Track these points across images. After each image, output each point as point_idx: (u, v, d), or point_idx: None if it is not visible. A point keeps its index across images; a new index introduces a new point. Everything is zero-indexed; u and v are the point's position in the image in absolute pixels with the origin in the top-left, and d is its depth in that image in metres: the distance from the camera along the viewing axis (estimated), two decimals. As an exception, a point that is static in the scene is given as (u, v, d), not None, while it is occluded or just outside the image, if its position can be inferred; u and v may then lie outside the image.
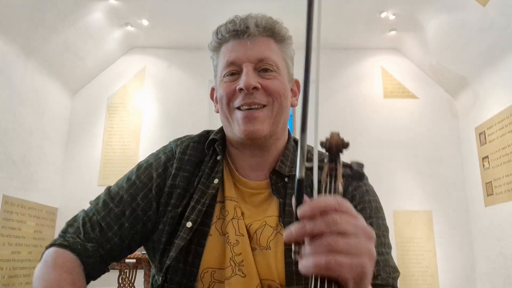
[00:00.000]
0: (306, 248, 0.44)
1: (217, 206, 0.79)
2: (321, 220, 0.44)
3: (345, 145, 0.59)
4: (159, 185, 0.83)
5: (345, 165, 0.59)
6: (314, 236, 0.44)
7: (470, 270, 3.92)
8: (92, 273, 0.77)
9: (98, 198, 0.85)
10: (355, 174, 0.59)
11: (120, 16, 3.94)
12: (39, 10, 3.26)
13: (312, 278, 0.43)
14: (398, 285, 0.77)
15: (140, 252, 2.62)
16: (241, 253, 0.72)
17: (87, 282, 0.76)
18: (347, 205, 0.46)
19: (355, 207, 0.75)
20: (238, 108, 0.80)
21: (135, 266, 2.79)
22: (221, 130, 0.89)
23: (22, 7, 3.12)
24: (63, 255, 0.73)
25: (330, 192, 0.51)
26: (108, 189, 0.86)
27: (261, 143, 0.81)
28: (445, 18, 3.67)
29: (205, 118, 4.30)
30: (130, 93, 4.42)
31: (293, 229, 0.45)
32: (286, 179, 0.81)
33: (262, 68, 0.81)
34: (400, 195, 4.12)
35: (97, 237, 0.78)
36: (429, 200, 4.12)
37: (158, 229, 0.80)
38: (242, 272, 0.70)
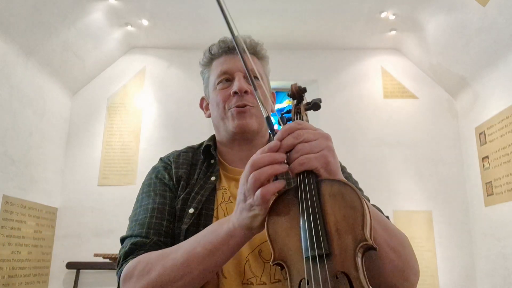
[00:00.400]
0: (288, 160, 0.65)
1: (218, 193, 0.94)
2: (289, 137, 0.64)
3: (302, 89, 0.82)
4: (173, 184, 0.95)
5: (307, 103, 0.82)
6: (290, 150, 0.64)
7: (470, 270, 3.92)
8: None
9: (129, 229, 0.89)
10: (313, 104, 0.80)
11: (120, 16, 3.94)
12: (39, 10, 3.26)
13: (297, 176, 0.65)
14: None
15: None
16: None
17: None
18: (306, 123, 0.67)
19: None
20: (232, 108, 0.95)
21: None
22: (211, 138, 1.05)
23: (22, 7, 3.12)
24: (139, 257, 0.79)
25: None
26: (131, 218, 0.92)
27: (249, 136, 0.97)
28: (445, 18, 3.67)
29: (205, 118, 4.29)
30: (130, 93, 4.42)
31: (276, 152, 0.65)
32: None
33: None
34: (400, 195, 4.12)
35: (154, 246, 0.84)
36: (429, 200, 4.12)
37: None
38: None
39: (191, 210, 0.88)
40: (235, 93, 0.94)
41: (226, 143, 1.01)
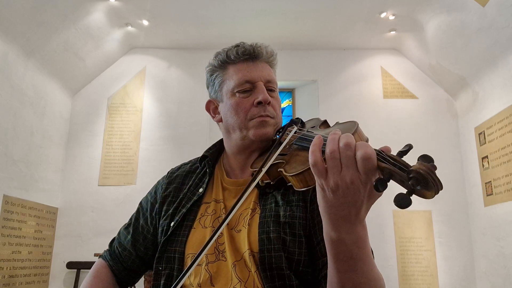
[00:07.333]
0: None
1: (203, 206, 0.97)
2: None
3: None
4: (152, 203, 1.05)
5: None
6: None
7: (470, 269, 3.92)
8: (123, 280, 1.09)
9: (119, 233, 1.13)
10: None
11: (120, 16, 3.94)
12: (39, 10, 3.26)
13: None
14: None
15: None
16: (223, 243, 0.89)
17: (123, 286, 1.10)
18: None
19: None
20: (255, 119, 0.97)
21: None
22: (212, 147, 1.08)
23: (22, 7, 3.13)
24: (100, 264, 1.11)
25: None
26: (126, 223, 1.13)
27: (264, 145, 0.98)
28: (444, 18, 3.68)
29: (205, 118, 4.30)
30: (130, 93, 4.43)
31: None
32: None
33: (269, 88, 1.00)
34: (399, 195, 4.12)
35: (121, 258, 1.08)
36: (429, 200, 4.12)
37: (158, 231, 1.00)
38: (224, 257, 0.88)
39: (172, 223, 0.95)
40: (259, 103, 0.94)
41: (235, 150, 1.01)
